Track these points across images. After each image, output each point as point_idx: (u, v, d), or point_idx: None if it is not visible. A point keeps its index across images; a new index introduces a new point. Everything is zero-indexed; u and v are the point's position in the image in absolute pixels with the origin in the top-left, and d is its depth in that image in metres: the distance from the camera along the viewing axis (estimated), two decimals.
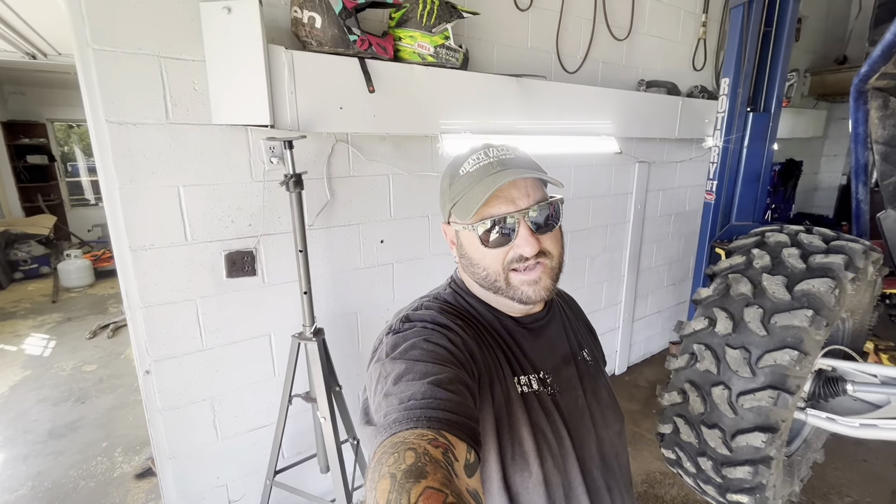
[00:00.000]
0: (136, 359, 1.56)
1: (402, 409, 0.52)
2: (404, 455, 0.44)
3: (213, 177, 1.53)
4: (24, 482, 2.20)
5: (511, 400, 0.68)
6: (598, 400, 0.78)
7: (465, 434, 0.51)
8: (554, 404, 0.71)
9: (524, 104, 2.01)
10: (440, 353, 0.61)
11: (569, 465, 0.69)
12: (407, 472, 0.42)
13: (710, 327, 1.29)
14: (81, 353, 3.58)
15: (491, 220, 0.66)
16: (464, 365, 0.62)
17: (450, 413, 0.51)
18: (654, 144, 2.95)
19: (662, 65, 2.85)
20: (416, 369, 0.57)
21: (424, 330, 0.66)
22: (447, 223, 0.77)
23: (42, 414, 2.77)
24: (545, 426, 0.68)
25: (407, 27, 1.63)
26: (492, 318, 0.75)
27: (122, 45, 1.33)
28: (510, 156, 0.71)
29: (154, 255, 1.48)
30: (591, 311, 2.99)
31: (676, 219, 3.36)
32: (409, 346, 0.62)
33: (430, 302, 0.75)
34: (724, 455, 1.19)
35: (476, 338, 0.69)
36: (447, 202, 0.73)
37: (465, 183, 0.69)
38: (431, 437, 0.48)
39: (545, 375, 0.73)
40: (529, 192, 0.68)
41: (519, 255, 0.67)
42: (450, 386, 0.55)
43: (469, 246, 0.71)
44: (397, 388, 0.56)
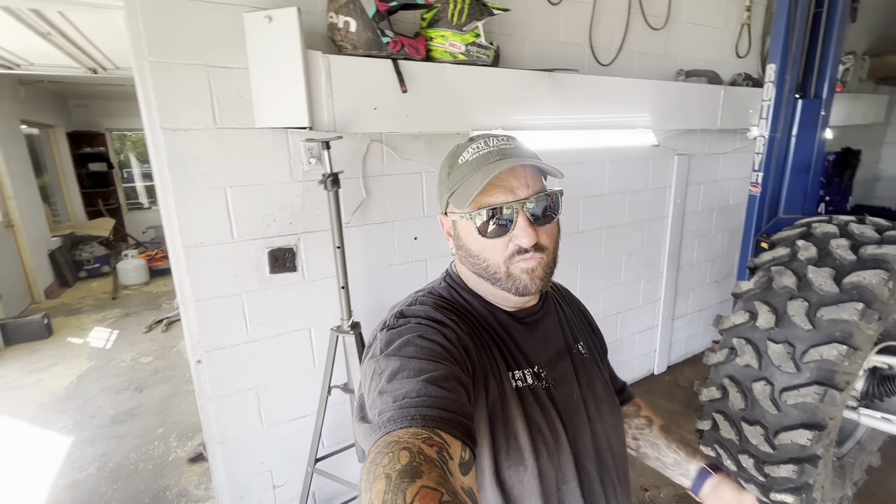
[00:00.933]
0: (189, 349, 1.67)
1: (397, 407, 0.51)
2: (399, 455, 0.44)
3: (257, 178, 1.62)
4: (92, 462, 2.39)
5: (506, 395, 0.67)
6: (593, 393, 0.78)
7: (459, 432, 0.51)
8: (549, 398, 0.71)
9: (557, 99, 2.00)
10: (434, 349, 0.61)
11: (563, 458, 0.69)
12: (402, 472, 0.42)
13: (751, 321, 1.24)
14: (139, 346, 3.84)
15: (489, 208, 0.65)
16: (458, 361, 0.62)
17: (444, 411, 0.51)
18: (695, 136, 2.85)
19: (703, 53, 2.75)
20: (411, 366, 0.57)
21: (419, 326, 0.65)
22: (444, 214, 0.76)
23: (105, 401, 3.00)
24: (540, 420, 0.68)
25: (438, 27, 1.66)
26: (486, 312, 0.74)
27: (175, 57, 1.43)
28: (511, 145, 0.70)
29: (204, 253, 1.58)
30: (628, 308, 2.92)
31: (719, 213, 3.23)
32: (403, 342, 0.61)
33: (424, 297, 0.74)
34: (767, 453, 1.15)
35: (470, 332, 0.69)
36: (445, 191, 0.72)
37: (464, 171, 0.68)
38: (426, 435, 0.47)
39: (540, 369, 0.73)
40: (529, 182, 0.67)
41: (518, 247, 0.66)
42: (444, 383, 0.55)
43: (467, 236, 0.70)
44: (391, 385, 0.55)
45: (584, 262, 2.63)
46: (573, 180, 2.43)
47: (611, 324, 2.88)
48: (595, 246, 2.65)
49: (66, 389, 3.16)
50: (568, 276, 2.58)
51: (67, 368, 3.47)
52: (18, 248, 4.75)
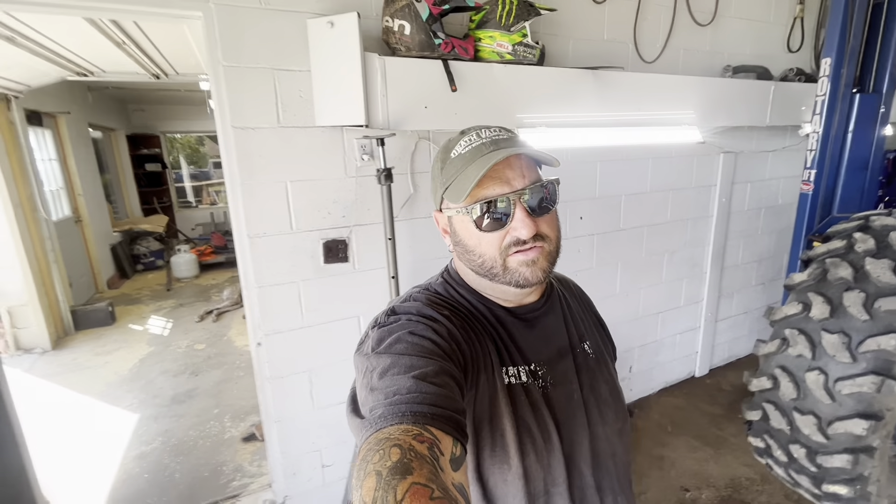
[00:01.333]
0: (250, 332, 1.80)
1: (388, 404, 0.51)
2: (389, 452, 0.44)
3: (314, 173, 1.73)
4: (156, 437, 2.59)
5: (496, 390, 0.66)
6: (595, 395, 0.74)
7: (450, 427, 0.50)
8: (544, 397, 0.69)
9: (600, 96, 2.02)
10: (425, 345, 0.60)
11: (553, 460, 0.67)
12: (392, 469, 0.42)
13: (804, 312, 1.23)
14: (192, 334, 4.10)
15: (485, 201, 0.63)
16: (450, 356, 0.61)
17: (435, 407, 0.51)
18: (742, 133, 2.79)
19: (752, 48, 2.69)
20: (401, 363, 0.56)
21: (409, 322, 0.64)
22: (439, 210, 0.73)
23: (165, 383, 3.22)
24: (530, 420, 0.67)
25: (487, 28, 1.72)
26: (482, 307, 0.72)
27: (245, 61, 1.55)
28: (503, 136, 0.68)
29: (266, 242, 1.70)
30: (669, 308, 2.89)
31: (767, 212, 3.13)
32: (393, 339, 0.61)
33: (419, 293, 0.73)
34: (820, 443, 1.14)
35: (463, 327, 0.67)
36: (439, 187, 0.70)
37: (458, 165, 0.66)
38: (417, 432, 0.47)
39: (537, 367, 0.71)
40: (525, 172, 0.65)
41: (515, 239, 0.64)
42: (435, 379, 0.54)
43: (463, 232, 0.68)
44: (382, 382, 0.55)
45: (625, 260, 2.62)
46: (614, 178, 2.43)
47: (651, 324, 2.85)
48: (636, 244, 2.64)
49: (130, 371, 3.42)
50: (608, 274, 2.58)
51: (130, 352, 3.75)
52: (86, 241, 5.15)
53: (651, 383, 2.99)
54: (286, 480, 1.95)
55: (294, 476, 1.95)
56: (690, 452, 2.44)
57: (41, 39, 2.60)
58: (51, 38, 2.62)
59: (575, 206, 2.36)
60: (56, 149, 4.84)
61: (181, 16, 1.49)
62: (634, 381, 2.91)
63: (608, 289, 2.61)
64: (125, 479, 2.26)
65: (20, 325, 3.70)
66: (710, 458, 2.38)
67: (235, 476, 2.23)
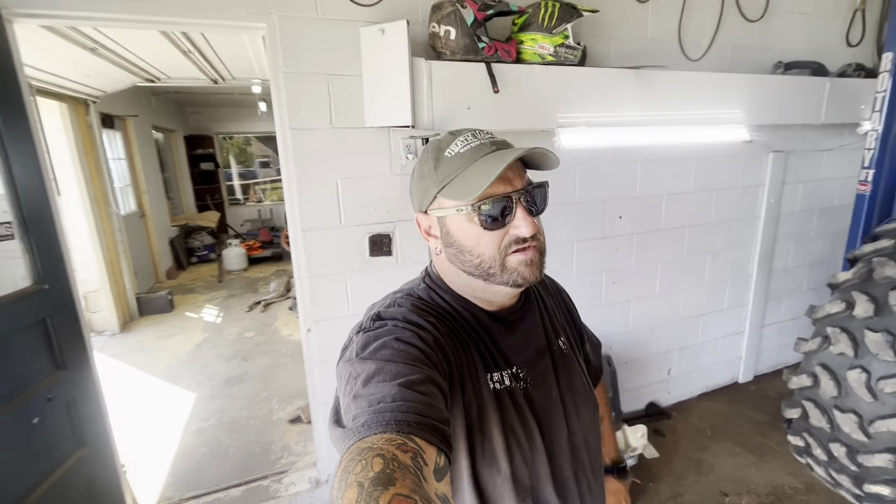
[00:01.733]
0: (301, 319, 1.93)
1: (372, 412, 0.50)
2: (372, 462, 0.43)
3: (362, 171, 1.84)
4: (212, 415, 2.81)
5: (483, 398, 0.67)
6: (571, 390, 0.77)
7: (435, 437, 0.50)
8: (526, 399, 0.71)
9: (643, 96, 2.02)
10: (411, 352, 0.59)
11: (537, 459, 0.69)
12: (375, 480, 0.41)
13: (848, 311, 1.20)
14: (242, 323, 4.36)
15: (491, 199, 0.63)
16: (436, 364, 0.60)
17: (420, 416, 0.50)
18: (794, 132, 2.69)
19: (806, 44, 2.59)
20: (387, 370, 0.55)
21: (395, 329, 0.63)
22: (424, 212, 0.71)
23: (219, 367, 3.46)
24: (516, 424, 0.68)
25: (529, 31, 1.77)
26: (466, 313, 0.72)
27: (303, 67, 1.68)
28: (498, 139, 0.69)
29: (317, 235, 1.83)
30: (711, 311, 2.82)
31: (821, 215, 3.00)
32: (379, 345, 0.60)
33: (402, 298, 0.72)
34: (861, 441, 1.11)
35: (449, 334, 0.67)
36: (431, 186, 0.67)
37: (457, 164, 0.65)
38: (400, 441, 0.46)
39: (518, 370, 0.72)
40: (521, 174, 0.67)
41: (516, 237, 0.65)
42: (421, 387, 0.54)
43: (459, 231, 0.67)
44: (367, 389, 0.54)
45: (665, 260, 2.59)
46: (655, 177, 2.42)
47: (691, 326, 2.80)
48: (677, 244, 2.61)
49: (188, 355, 3.69)
50: (647, 274, 2.56)
51: (187, 338, 4.04)
52: (148, 234, 5.57)
53: (691, 387, 2.94)
54: (330, 460, 2.08)
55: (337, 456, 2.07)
56: (731, 458, 2.39)
57: (119, 49, 2.87)
58: (127, 48, 2.88)
59: (615, 206, 2.37)
60: (124, 149, 5.26)
61: (248, 27, 1.64)
62: (673, 384, 2.86)
63: (647, 289, 2.59)
64: (186, 451, 2.47)
65: (94, 308, 4.07)
66: (751, 465, 2.32)
67: (283, 454, 2.39)
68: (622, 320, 2.59)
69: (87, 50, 2.74)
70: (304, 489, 2.13)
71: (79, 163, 3.76)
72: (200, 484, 2.18)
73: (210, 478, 2.23)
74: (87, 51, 2.76)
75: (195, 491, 2.13)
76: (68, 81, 3.38)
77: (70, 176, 3.74)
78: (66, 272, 1.55)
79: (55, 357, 1.52)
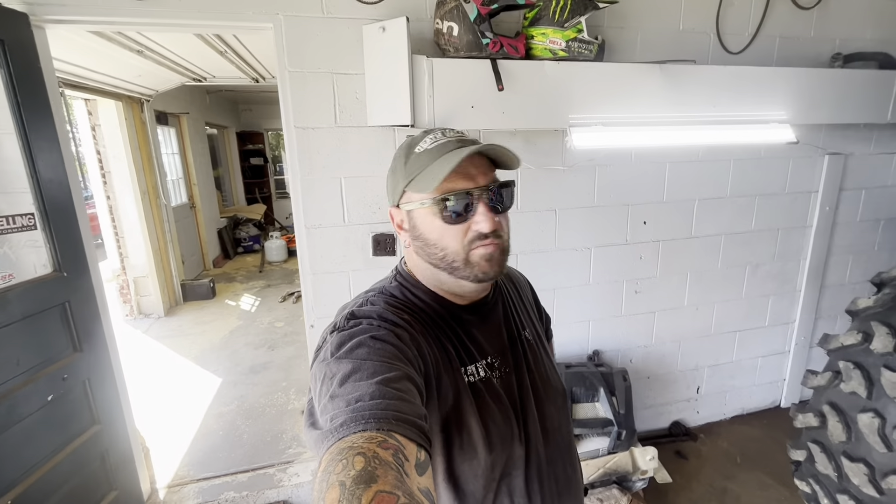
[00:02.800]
0: (305, 315, 1.97)
1: (350, 411, 0.50)
2: (353, 461, 0.43)
3: (366, 170, 1.83)
4: (233, 400, 2.94)
5: (459, 392, 0.68)
6: (541, 377, 0.79)
7: (414, 433, 0.50)
8: (503, 387, 0.73)
9: (669, 93, 1.86)
10: (387, 350, 0.60)
11: (514, 445, 0.71)
12: (356, 479, 0.41)
13: (864, 343, 1.03)
14: (275, 313, 4.54)
15: (452, 194, 0.66)
16: (411, 361, 0.61)
17: (399, 413, 0.51)
18: (854, 132, 2.40)
19: (872, 32, 2.29)
20: (364, 368, 0.56)
21: (370, 327, 0.64)
22: (396, 206, 0.74)
23: (247, 354, 3.62)
24: (494, 412, 0.69)
25: (539, 25, 1.68)
26: (439, 308, 0.74)
27: (308, 66, 1.69)
28: (467, 137, 0.72)
29: (321, 233, 1.85)
30: (749, 327, 2.59)
31: (887, 226, 2.66)
32: (354, 344, 0.60)
33: (375, 297, 0.73)
34: (872, 496, 0.95)
35: (423, 331, 0.68)
36: (400, 180, 0.71)
37: (424, 160, 0.68)
38: (381, 439, 0.47)
39: (493, 360, 0.74)
40: (486, 171, 0.69)
41: (477, 233, 0.67)
42: (398, 384, 0.55)
43: (424, 225, 0.69)
44: (343, 389, 0.54)
45: (696, 270, 2.40)
46: (685, 180, 2.24)
47: (726, 343, 2.59)
48: (710, 254, 2.41)
49: (221, 341, 3.89)
50: (674, 284, 2.38)
51: (223, 324, 4.26)
52: (198, 224, 5.92)
53: (723, 408, 2.72)
54: None
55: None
56: (761, 490, 2.18)
57: (162, 51, 3.05)
58: (170, 49, 3.05)
59: (637, 210, 2.22)
60: (178, 144, 5.62)
61: (255, 27, 1.67)
62: (702, 404, 2.66)
63: (674, 300, 2.41)
64: (205, 433, 2.59)
65: (142, 293, 4.39)
66: (783, 500, 2.11)
67: (292, 444, 2.45)
68: (644, 332, 2.43)
69: (133, 52, 2.93)
70: (306, 480, 2.17)
71: (132, 157, 4.05)
72: (212, 466, 2.29)
73: (222, 461, 2.33)
74: (134, 53, 2.95)
75: (207, 472, 2.23)
76: (122, 81, 3.64)
77: (123, 169, 4.04)
78: (87, 261, 1.66)
79: (73, 339, 1.63)
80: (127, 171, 4.05)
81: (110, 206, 4.12)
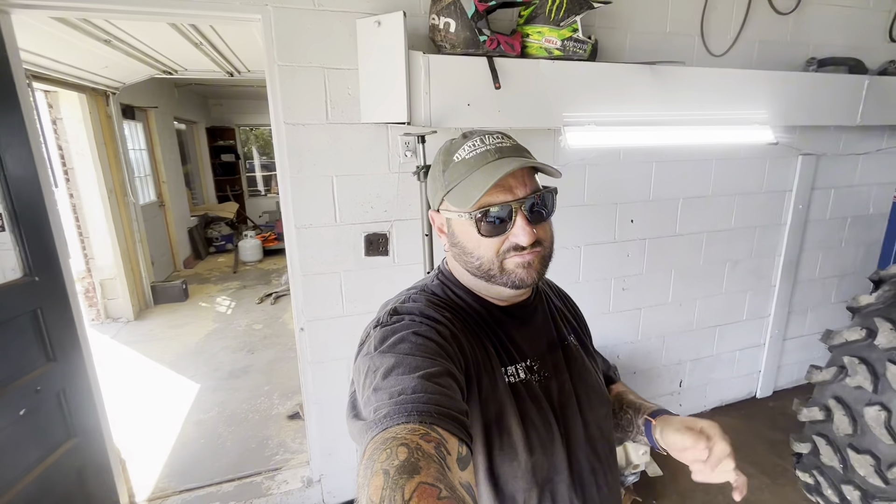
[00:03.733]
0: (294, 318, 1.90)
1: (393, 403, 0.51)
2: (397, 451, 0.44)
3: (359, 168, 1.78)
4: (213, 407, 2.83)
5: (498, 391, 0.68)
6: (584, 384, 0.78)
7: (456, 428, 0.51)
8: (542, 390, 0.72)
9: (658, 93, 1.90)
10: (429, 346, 0.61)
11: (556, 450, 0.70)
12: (400, 468, 0.42)
13: (868, 339, 1.08)
14: (252, 315, 4.40)
15: (490, 207, 0.65)
16: (452, 358, 0.62)
17: (441, 407, 0.51)
18: (826, 134, 2.51)
19: (844, 38, 2.40)
20: (406, 363, 0.57)
21: (413, 323, 0.65)
22: (436, 211, 0.74)
23: (225, 358, 3.50)
24: (534, 415, 0.69)
25: (535, 23, 1.67)
26: (480, 308, 0.74)
27: (298, 60, 1.63)
28: (506, 144, 0.70)
29: (311, 233, 1.79)
30: (729, 321, 2.68)
31: (854, 223, 2.80)
32: (397, 339, 0.62)
33: (417, 294, 0.74)
34: (877, 486, 1.00)
35: (464, 329, 0.69)
36: (439, 189, 0.71)
37: (462, 170, 0.68)
38: (423, 431, 0.47)
39: (532, 363, 0.74)
40: (526, 181, 0.67)
41: (515, 245, 0.66)
42: (440, 380, 0.55)
43: (462, 234, 0.70)
44: (387, 382, 0.55)
45: (680, 267, 2.46)
46: (671, 180, 2.29)
47: (707, 337, 2.67)
48: (693, 251, 2.47)
49: (196, 345, 3.74)
50: (659, 281, 2.44)
51: (198, 327, 4.10)
52: (167, 223, 5.68)
53: (704, 401, 2.80)
54: (322, 459, 2.06)
55: (330, 456, 2.05)
56: None
57: (132, 41, 2.89)
58: (141, 39, 2.90)
59: (626, 209, 2.25)
60: (146, 139, 5.37)
61: (242, 19, 1.59)
62: (685, 397, 2.74)
63: (659, 297, 2.47)
64: (185, 442, 2.49)
65: (110, 296, 4.17)
66: (765, 488, 2.19)
67: (279, 451, 2.38)
68: (631, 329, 2.48)
69: (101, 42, 2.76)
70: (295, 488, 2.11)
71: (97, 153, 3.84)
72: (195, 476, 2.19)
73: (205, 470, 2.24)
74: (102, 42, 2.79)
75: (189, 483, 2.14)
76: (87, 73, 3.44)
77: (88, 166, 3.82)
78: (59, 265, 1.56)
79: (46, 348, 1.52)
80: (92, 167, 3.83)
81: (73, 204, 3.89)
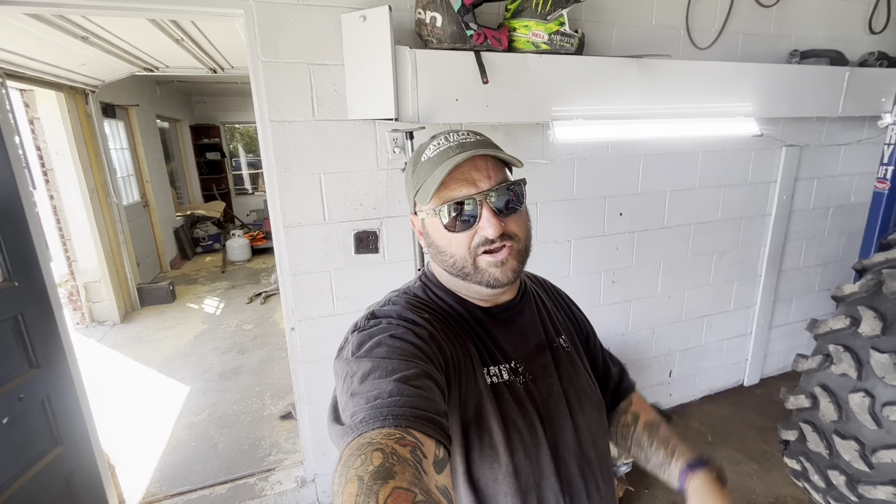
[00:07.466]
0: (285, 317, 1.89)
1: (369, 408, 0.51)
2: (371, 456, 0.44)
3: (347, 165, 1.77)
4: (204, 409, 2.80)
5: (479, 392, 0.67)
6: (574, 387, 0.76)
7: (433, 430, 0.50)
8: (527, 393, 0.70)
9: (645, 86, 1.90)
10: (406, 348, 0.60)
11: (541, 454, 0.68)
12: (374, 474, 0.42)
13: (853, 327, 1.10)
14: (242, 315, 4.35)
15: (452, 202, 0.65)
16: (431, 359, 0.61)
17: (417, 410, 0.51)
18: (809, 125, 2.55)
19: (825, 31, 2.43)
20: (382, 367, 0.56)
21: (390, 326, 0.64)
22: (414, 213, 0.74)
23: (215, 359, 3.46)
24: (516, 416, 0.68)
25: (522, 17, 1.67)
26: (461, 309, 0.73)
27: (283, 56, 1.60)
28: (471, 139, 0.69)
29: (300, 232, 1.77)
30: (716, 311, 2.72)
31: (836, 212, 2.86)
32: (374, 343, 0.61)
33: (398, 297, 0.73)
34: (862, 471, 1.02)
35: (444, 330, 0.68)
36: (411, 190, 0.71)
37: (427, 169, 0.68)
38: (399, 435, 0.47)
39: (517, 364, 0.72)
40: (490, 173, 0.66)
41: (483, 239, 0.65)
42: (417, 382, 0.55)
43: (434, 233, 0.69)
44: (363, 386, 0.55)
45: (669, 259, 2.49)
46: (658, 173, 2.31)
47: (695, 327, 2.70)
48: (681, 243, 2.50)
49: (185, 346, 3.70)
50: (648, 273, 2.46)
51: (186, 329, 4.04)
52: (152, 224, 5.58)
53: (693, 390, 2.85)
54: (316, 459, 2.05)
55: (323, 456, 2.04)
56: (732, 466, 2.31)
57: (110, 38, 2.82)
58: (119, 36, 2.82)
59: (615, 202, 2.27)
60: (128, 138, 5.26)
61: (224, 14, 1.56)
62: (675, 387, 2.78)
63: (648, 289, 2.49)
64: (175, 445, 2.46)
65: (94, 299, 4.09)
66: (753, 474, 2.24)
67: (272, 451, 2.37)
68: (621, 321, 2.50)
69: (78, 39, 2.69)
70: (289, 488, 2.10)
71: (77, 153, 3.75)
72: (187, 480, 2.17)
73: (197, 473, 2.21)
74: (79, 39, 2.71)
75: (181, 487, 2.12)
76: (64, 70, 3.34)
77: (68, 166, 3.73)
78: (40, 269, 1.52)
79: (28, 355, 1.49)
80: (72, 167, 3.74)
81: (54, 206, 3.80)
